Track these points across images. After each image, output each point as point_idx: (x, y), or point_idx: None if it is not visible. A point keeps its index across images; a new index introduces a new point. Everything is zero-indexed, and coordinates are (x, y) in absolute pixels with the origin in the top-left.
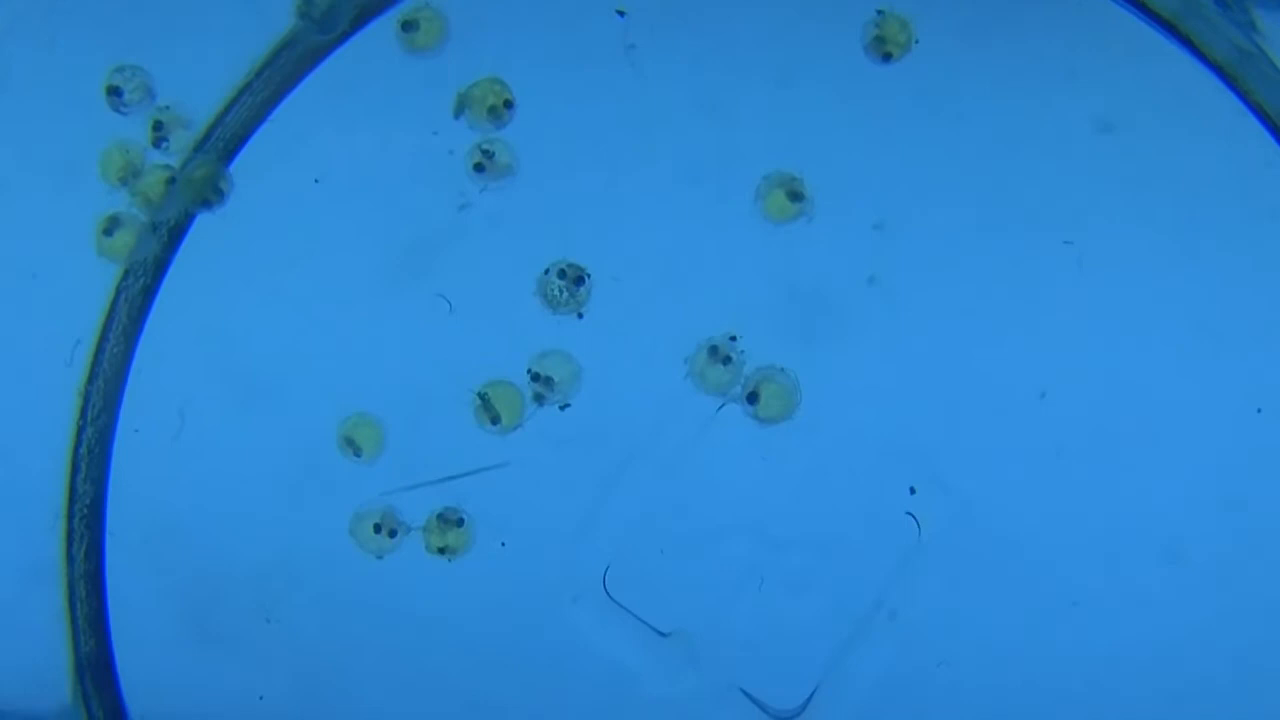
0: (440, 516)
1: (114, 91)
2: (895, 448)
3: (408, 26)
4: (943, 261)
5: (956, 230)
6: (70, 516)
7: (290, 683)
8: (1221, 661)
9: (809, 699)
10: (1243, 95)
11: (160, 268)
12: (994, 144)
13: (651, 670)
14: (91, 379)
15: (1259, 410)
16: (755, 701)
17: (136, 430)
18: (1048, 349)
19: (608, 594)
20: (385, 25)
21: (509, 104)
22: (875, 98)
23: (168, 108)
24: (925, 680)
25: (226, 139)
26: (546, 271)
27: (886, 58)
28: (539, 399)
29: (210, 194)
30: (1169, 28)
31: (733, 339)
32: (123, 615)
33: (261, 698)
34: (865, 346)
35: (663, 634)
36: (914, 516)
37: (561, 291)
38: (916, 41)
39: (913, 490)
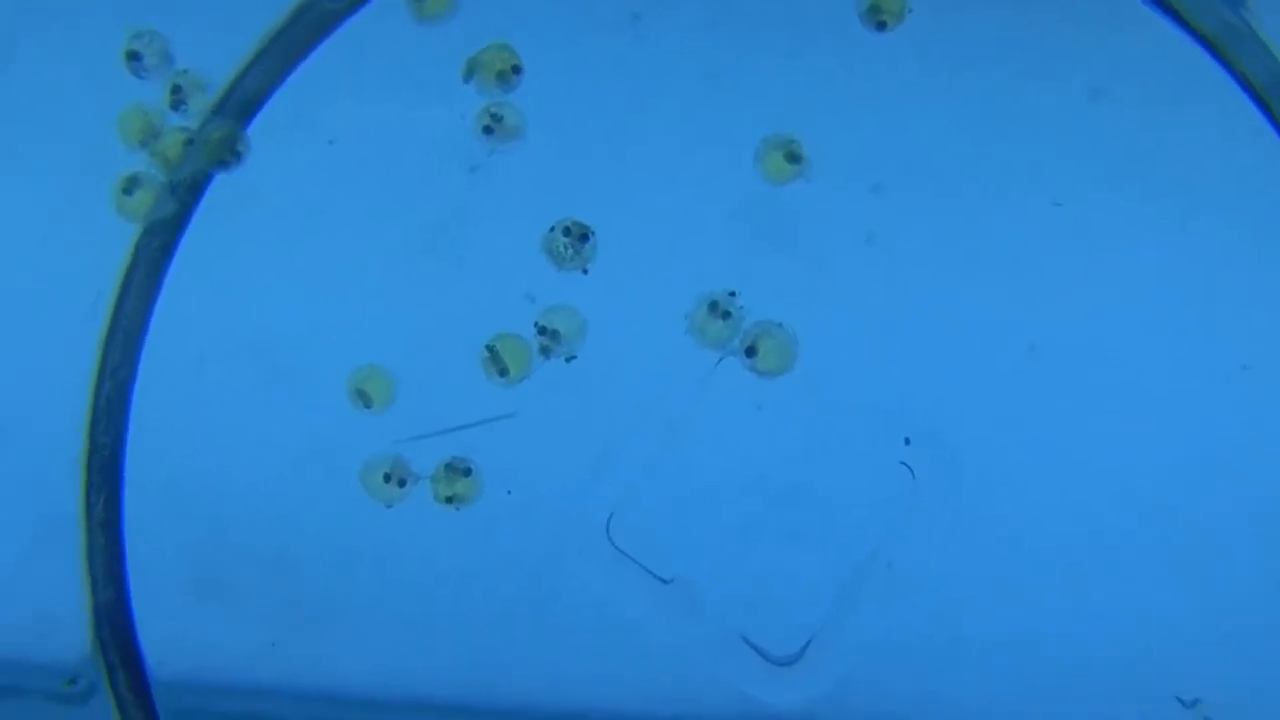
0: (448, 466)
1: (134, 56)
2: (890, 400)
3: None
4: (937, 222)
5: (951, 192)
6: (89, 468)
7: (302, 630)
8: (1207, 615)
9: (806, 646)
10: (1229, 67)
11: (179, 226)
12: (987, 110)
13: (654, 616)
14: (111, 333)
15: (1244, 367)
16: (754, 648)
17: (155, 382)
18: (1038, 306)
19: (611, 542)
20: None
21: (517, 69)
22: (871, 64)
23: (186, 72)
24: (919, 629)
25: (243, 102)
26: (552, 229)
27: (881, 26)
28: (545, 351)
29: (227, 155)
30: (1159, 2)
31: (732, 294)
32: (140, 564)
33: (274, 644)
34: (862, 303)
35: (665, 581)
36: (909, 466)
37: (567, 248)
38: (910, 10)
39: (907, 441)
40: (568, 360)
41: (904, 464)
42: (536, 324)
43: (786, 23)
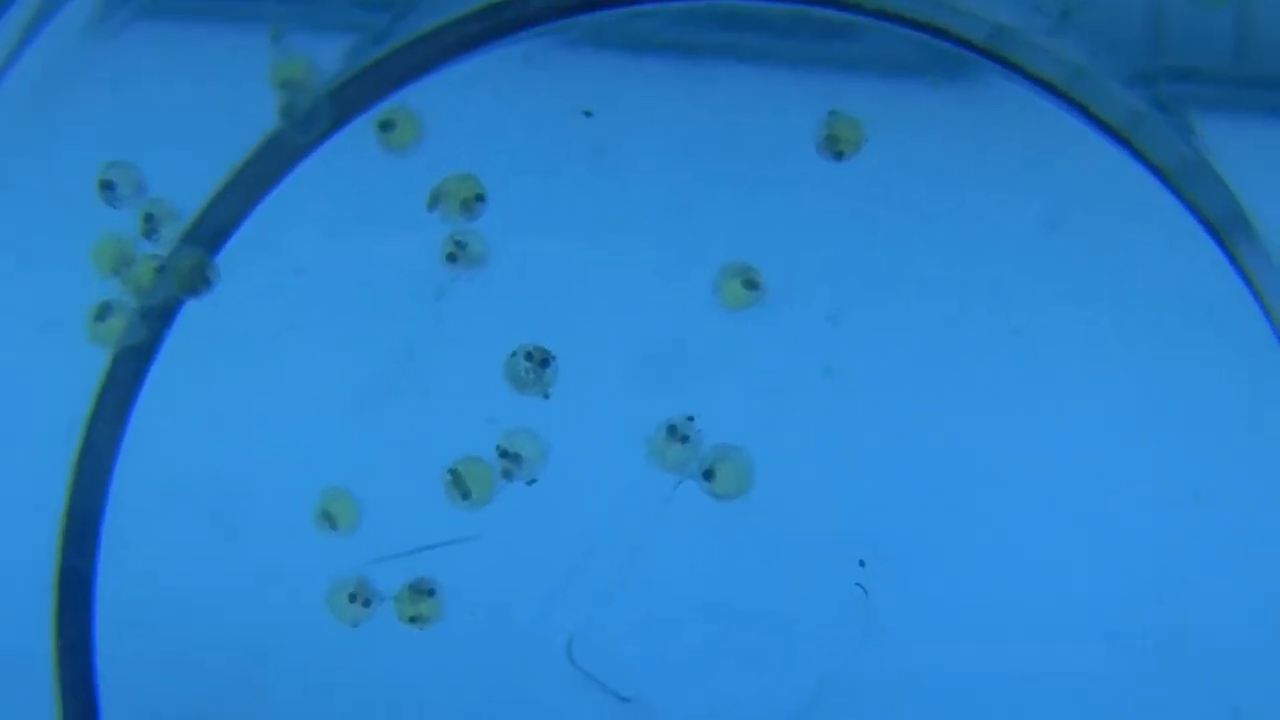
0: (412, 587)
1: (107, 185)
2: (845, 522)
3: (385, 126)
4: (894, 350)
5: (907, 320)
6: (61, 590)
7: None
8: None
9: None
10: (1184, 200)
11: (150, 352)
12: (943, 239)
13: None
14: (83, 458)
15: (1196, 496)
16: None
17: (125, 507)
18: (994, 434)
19: (573, 661)
20: (364, 125)
21: (480, 198)
22: (828, 194)
23: (158, 200)
24: None
25: (213, 231)
26: (514, 354)
27: (839, 156)
28: (507, 474)
29: (197, 283)
30: (1115, 134)
31: (690, 419)
32: (110, 686)
33: None
34: (819, 428)
35: (625, 699)
36: (863, 587)
37: (529, 373)
38: (866, 140)
39: (862, 563)
40: (529, 483)
41: (859, 585)
42: (499, 447)
43: (745, 153)
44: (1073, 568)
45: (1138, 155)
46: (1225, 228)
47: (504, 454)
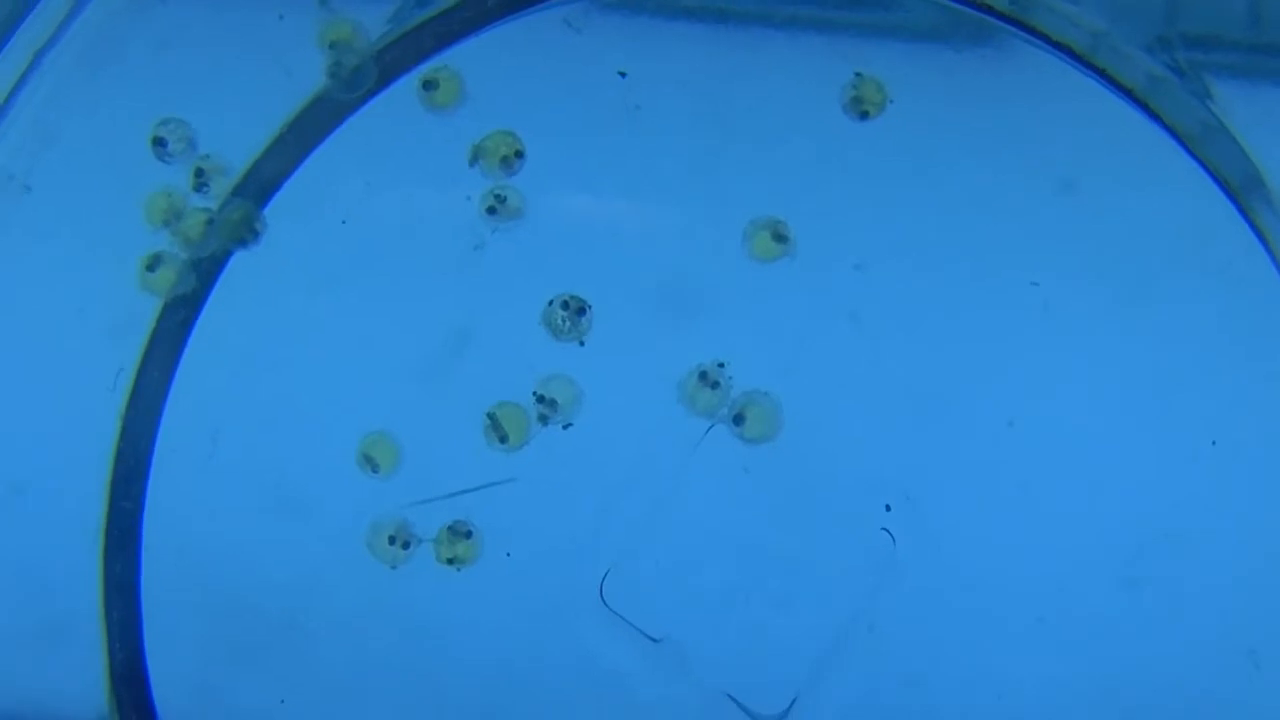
0: (450, 529)
1: (159, 142)
2: (872, 468)
3: (428, 85)
4: (918, 299)
5: (931, 271)
6: (109, 533)
7: (310, 686)
8: (1179, 688)
9: (791, 706)
10: (1199, 160)
11: (198, 301)
12: (964, 194)
13: (644, 674)
14: (132, 403)
15: (1213, 443)
16: (741, 706)
17: (173, 450)
18: (1015, 382)
19: (604, 602)
20: (408, 84)
21: (520, 154)
22: (854, 152)
23: (208, 156)
24: (899, 691)
25: (261, 184)
26: (551, 303)
27: (864, 116)
28: (543, 419)
29: (246, 234)
30: (1132, 97)
31: (721, 365)
32: (155, 626)
33: (283, 701)
34: (845, 375)
35: (655, 640)
36: (889, 532)
37: (564, 321)
38: (891, 101)
39: (888, 508)
40: (565, 428)
41: (885, 529)
42: (535, 393)
43: (774, 113)
44: (1091, 514)
45: (1156, 119)
46: (1241, 189)
47: (540, 399)
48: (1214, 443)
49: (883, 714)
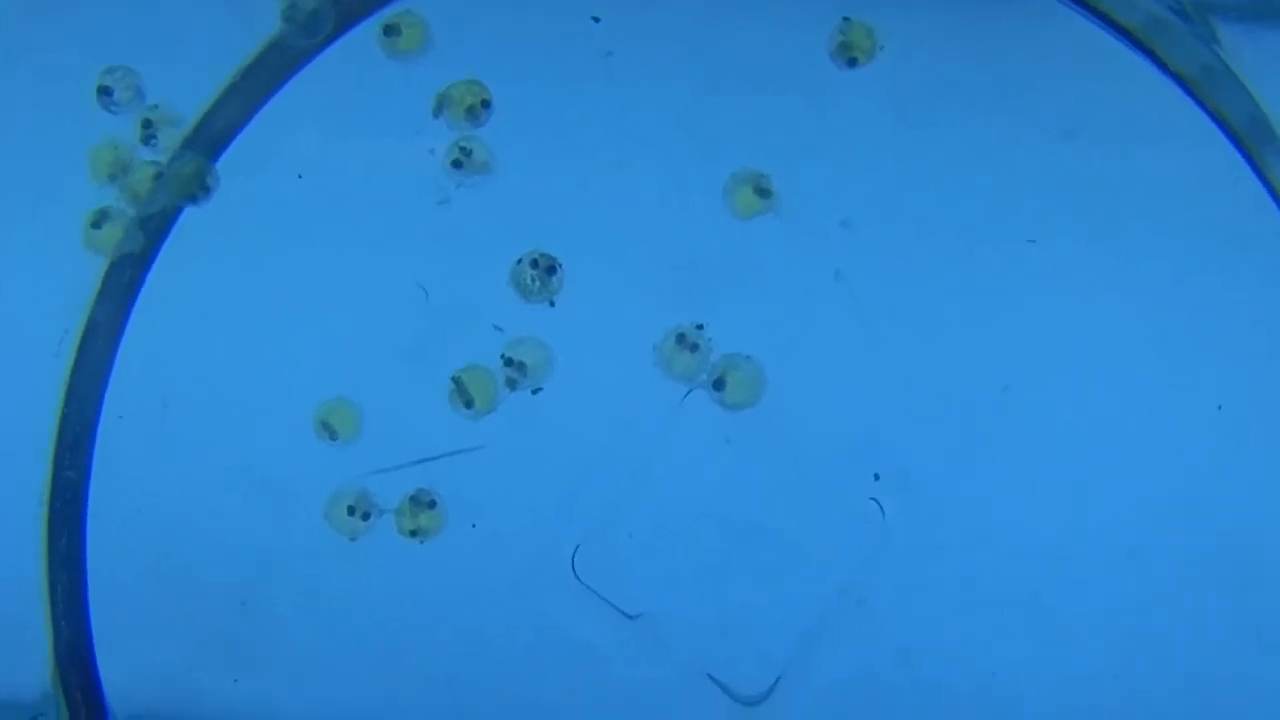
0: (413, 499)
1: (105, 91)
2: (860, 435)
3: (390, 31)
4: (908, 257)
5: (921, 228)
6: (53, 502)
7: (265, 665)
8: (1180, 660)
9: (774, 685)
10: (1205, 107)
11: (146, 260)
12: (958, 146)
13: (619, 652)
14: (77, 368)
15: (1219, 407)
16: (721, 686)
17: (120, 416)
18: (1011, 344)
19: (577, 577)
20: (368, 30)
21: (486, 104)
22: (842, 101)
23: (157, 107)
24: (888, 668)
25: (213, 137)
26: (520, 261)
27: (852, 63)
28: (512, 384)
29: (196, 189)
30: (1133, 39)
31: (700, 327)
32: (102, 599)
33: (236, 681)
34: (831, 338)
35: (630, 617)
36: (878, 502)
37: (534, 281)
38: (880, 48)
39: (877, 477)
40: (534, 393)
41: (873, 500)
42: (503, 356)
43: (757, 60)
44: (1091, 482)
45: (1158, 62)
46: (1247, 135)
47: (508, 362)
48: (1220, 407)
49: (871, 692)
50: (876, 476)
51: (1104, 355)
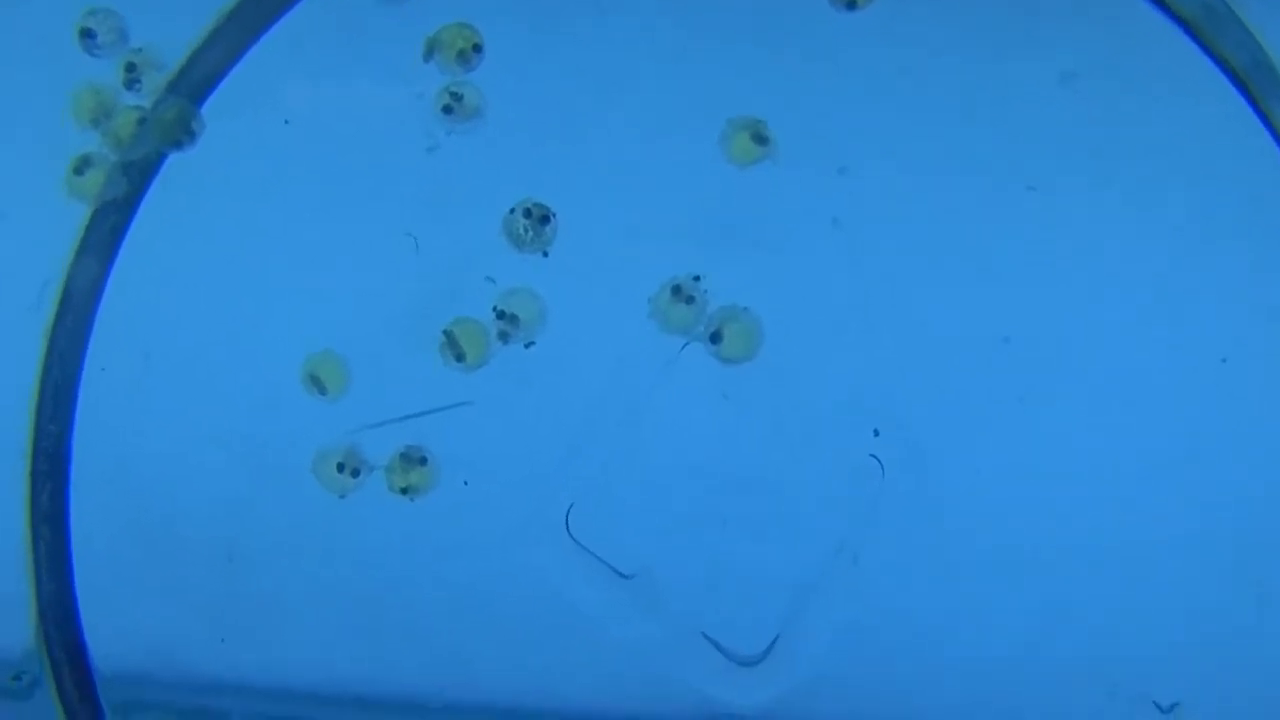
0: (403, 455)
1: (87, 34)
2: (859, 390)
3: None
4: (907, 205)
5: (920, 175)
6: (35, 457)
7: (251, 623)
8: (1185, 616)
9: (771, 645)
10: (1208, 49)
11: (130, 207)
12: (958, 91)
13: (613, 612)
14: (59, 319)
15: (1223, 360)
16: (718, 646)
17: (103, 369)
18: (1011, 295)
19: (570, 535)
20: None
21: (478, 48)
22: (841, 44)
23: (140, 50)
24: (887, 627)
25: (198, 81)
26: (512, 211)
27: (851, 5)
28: (504, 336)
29: (181, 134)
30: None
31: (696, 279)
32: (85, 556)
33: (223, 640)
34: (830, 289)
35: (625, 576)
36: (878, 458)
37: (527, 230)
38: None
39: (876, 433)
40: (527, 346)
41: (873, 456)
42: (495, 308)
43: (753, 2)
44: (1092, 438)
45: (1159, 4)
46: (1250, 78)
47: (500, 315)
48: (1224, 360)
49: (870, 652)
50: (876, 432)
51: (1106, 306)
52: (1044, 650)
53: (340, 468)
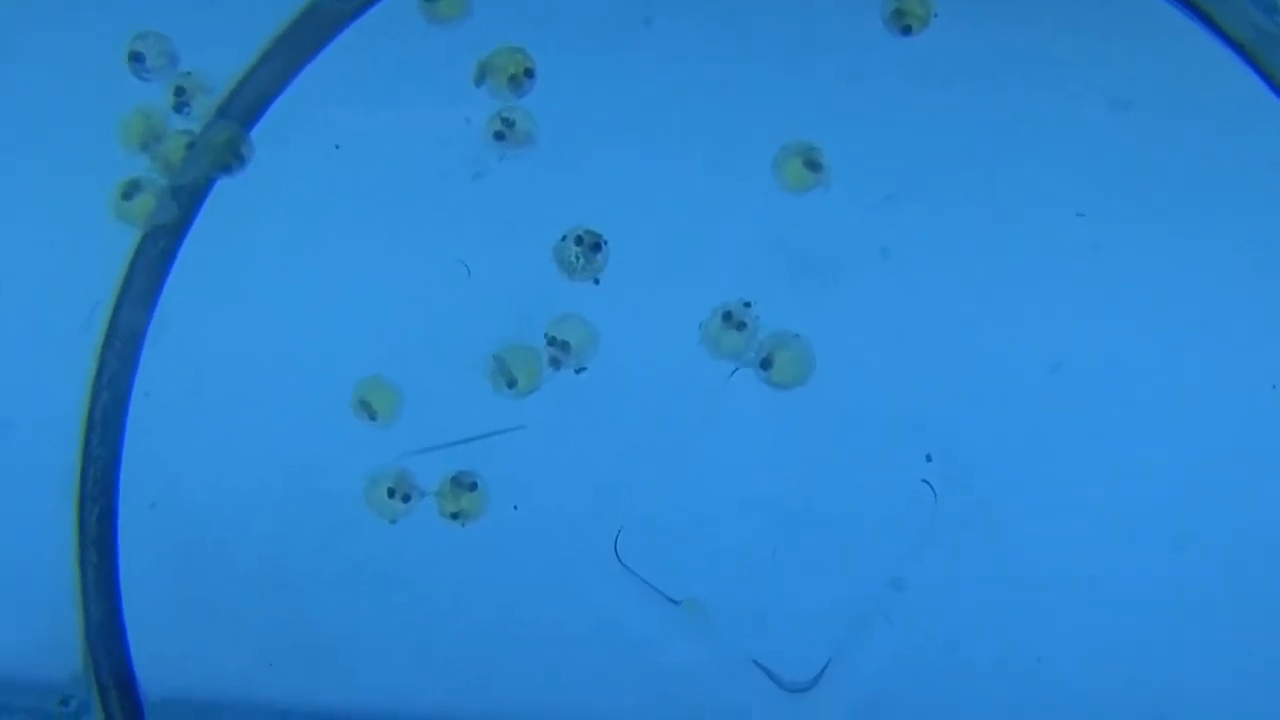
0: (454, 480)
1: (136, 58)
2: (910, 416)
3: None
4: (956, 233)
5: (970, 202)
6: (83, 481)
7: (300, 648)
8: (1237, 650)
9: (821, 673)
10: (1263, 74)
11: (179, 232)
12: (1010, 118)
13: (663, 638)
14: (108, 342)
15: (1275, 386)
16: (768, 673)
17: (149, 394)
18: (1061, 322)
19: (620, 560)
20: None
21: (529, 73)
22: (894, 70)
23: (190, 73)
24: (938, 655)
25: (248, 105)
26: (564, 238)
27: (906, 30)
28: (555, 363)
29: (230, 159)
30: (1185, 3)
31: (747, 305)
32: (134, 581)
33: (271, 664)
34: (881, 315)
35: (675, 602)
36: (930, 484)
37: (578, 258)
38: (935, 15)
39: (929, 458)
40: (578, 372)
41: (925, 482)
42: (546, 334)
43: (806, 26)
44: (1146, 466)
45: (1212, 27)
46: None
47: (552, 341)
48: (1275, 387)
49: (920, 680)
50: (929, 458)
51: (1156, 332)
52: (1093, 677)
53: (391, 493)
